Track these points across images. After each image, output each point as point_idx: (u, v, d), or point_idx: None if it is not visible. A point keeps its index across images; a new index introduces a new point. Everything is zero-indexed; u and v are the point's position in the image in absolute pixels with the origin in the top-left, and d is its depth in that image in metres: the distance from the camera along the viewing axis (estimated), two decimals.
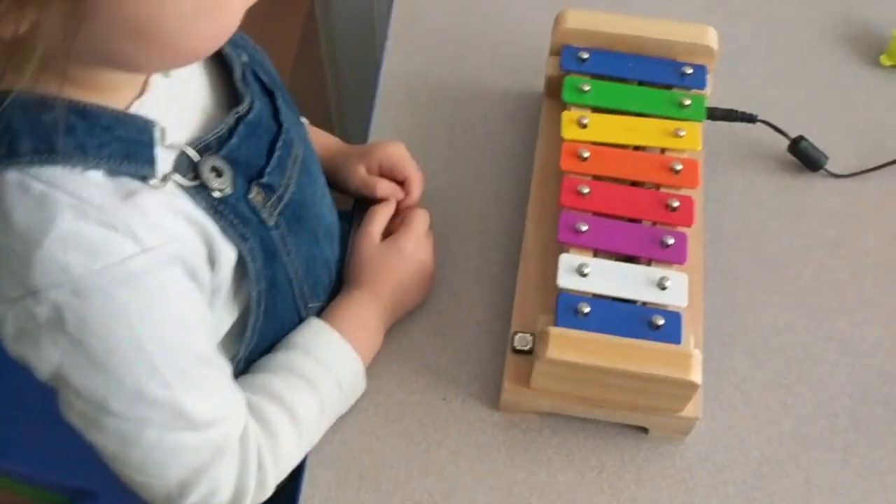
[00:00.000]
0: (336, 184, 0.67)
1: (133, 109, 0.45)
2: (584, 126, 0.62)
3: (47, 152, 0.41)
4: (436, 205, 0.68)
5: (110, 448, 0.47)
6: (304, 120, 0.69)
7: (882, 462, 0.58)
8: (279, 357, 0.55)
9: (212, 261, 0.48)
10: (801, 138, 0.70)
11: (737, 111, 0.70)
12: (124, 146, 0.43)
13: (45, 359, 0.43)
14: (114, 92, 0.44)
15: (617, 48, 0.66)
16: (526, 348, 0.56)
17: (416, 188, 0.65)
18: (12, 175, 0.42)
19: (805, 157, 0.71)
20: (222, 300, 0.51)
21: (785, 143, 0.71)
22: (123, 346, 0.43)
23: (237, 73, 0.52)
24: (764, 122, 0.70)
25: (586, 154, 0.61)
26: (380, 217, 0.63)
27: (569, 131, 0.62)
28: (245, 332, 0.53)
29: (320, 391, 0.54)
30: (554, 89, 0.68)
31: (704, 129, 0.69)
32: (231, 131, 0.49)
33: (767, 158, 0.72)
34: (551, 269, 0.56)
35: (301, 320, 0.58)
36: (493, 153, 0.72)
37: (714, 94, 0.68)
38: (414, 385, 0.60)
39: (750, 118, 0.70)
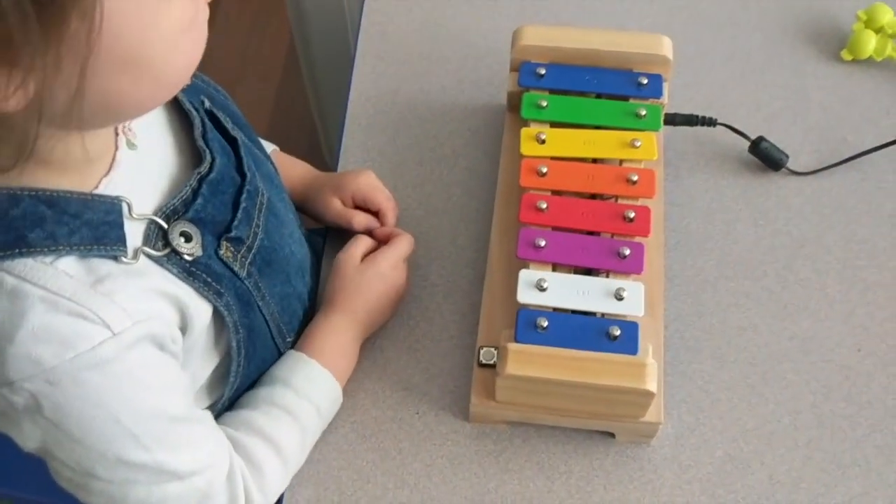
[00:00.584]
0: (310, 213, 0.69)
1: (101, 188, 0.46)
2: (543, 142, 0.64)
3: (18, 246, 0.43)
4: (406, 223, 0.70)
5: None
6: (273, 147, 0.71)
7: (844, 456, 0.60)
8: (261, 392, 0.58)
9: (184, 326, 0.50)
10: (761, 139, 0.72)
11: (697, 116, 0.71)
12: (93, 230, 0.45)
13: (28, 437, 0.46)
14: (81, 171, 0.46)
15: (574, 62, 0.68)
16: (491, 362, 0.58)
17: (390, 218, 0.68)
18: None
19: (766, 158, 0.72)
20: (199, 352, 0.53)
21: (746, 144, 0.72)
22: (99, 423, 0.45)
23: (197, 131, 0.54)
24: (724, 125, 0.72)
25: (545, 169, 0.62)
26: (363, 242, 0.65)
27: (527, 147, 0.64)
28: (228, 377, 0.56)
29: (301, 420, 0.57)
30: (515, 105, 0.69)
31: (666, 135, 0.71)
32: (195, 192, 0.51)
33: (729, 160, 0.73)
34: (513, 284, 0.58)
35: (281, 354, 0.60)
36: (461, 170, 0.74)
37: (675, 99, 0.70)
38: (388, 401, 0.62)
39: (710, 122, 0.72)
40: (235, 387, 0.57)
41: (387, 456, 0.60)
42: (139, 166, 0.49)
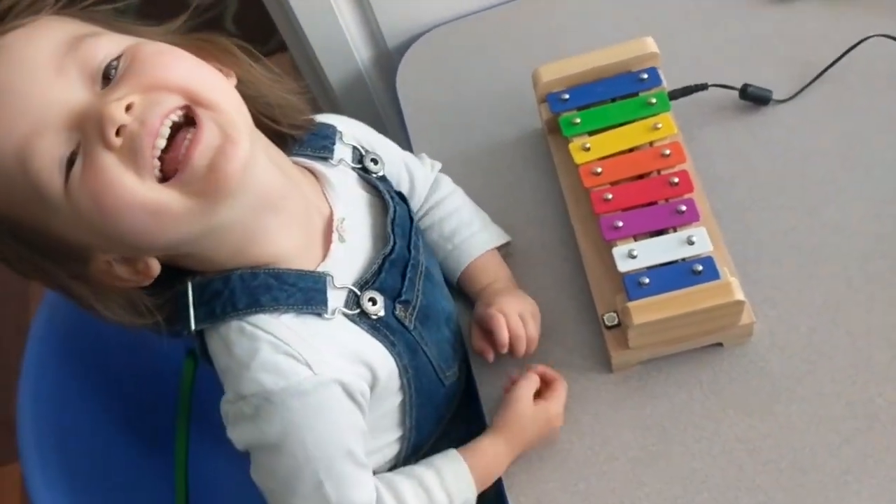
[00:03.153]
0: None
1: (319, 269, 0.65)
2: (588, 149, 0.82)
3: (255, 306, 0.62)
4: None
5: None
6: (506, 239, 0.85)
7: None
8: (416, 469, 0.71)
9: (373, 381, 0.66)
10: (746, 85, 0.90)
11: (691, 86, 0.89)
12: (304, 294, 0.64)
13: (244, 439, 0.63)
14: (299, 261, 0.64)
15: (586, 81, 0.86)
16: (614, 323, 0.76)
17: (518, 350, 0.77)
18: (234, 323, 0.62)
19: (755, 98, 0.90)
20: (387, 392, 0.69)
21: (735, 93, 0.90)
22: (293, 441, 0.61)
23: (390, 217, 0.72)
24: (714, 84, 0.90)
25: (599, 170, 0.80)
26: (534, 384, 0.75)
27: (579, 157, 0.82)
28: (405, 407, 0.72)
29: (434, 501, 0.69)
30: (553, 128, 0.88)
31: (674, 106, 0.89)
32: (380, 268, 0.69)
33: (727, 110, 0.91)
34: (607, 261, 0.76)
35: (444, 386, 0.76)
36: (527, 189, 0.92)
37: (668, 78, 0.88)
38: None
39: (702, 87, 0.90)
40: (415, 416, 0.73)
41: (565, 418, 0.77)
42: (348, 254, 0.68)
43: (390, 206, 0.73)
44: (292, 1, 1.02)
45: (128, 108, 0.53)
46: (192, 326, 0.63)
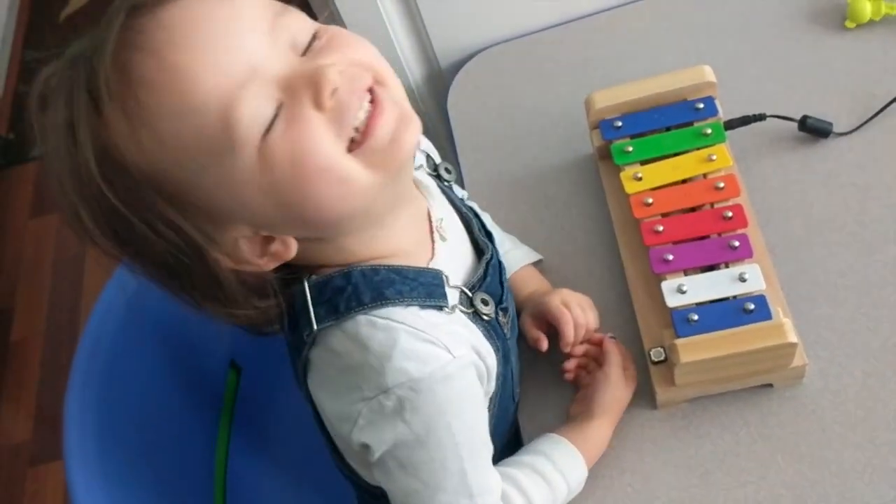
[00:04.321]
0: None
1: (430, 266, 0.65)
2: (640, 179, 0.81)
3: (381, 299, 0.61)
4: (548, 271, 0.86)
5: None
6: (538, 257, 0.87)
7: None
8: (525, 458, 0.72)
9: (481, 377, 0.66)
10: (805, 117, 0.87)
11: (749, 116, 0.87)
12: (426, 288, 0.63)
13: (383, 439, 0.60)
14: (413, 257, 0.64)
15: (640, 108, 0.85)
16: (661, 359, 0.75)
17: (567, 335, 0.77)
18: (361, 317, 0.60)
19: (814, 130, 0.87)
20: (484, 392, 0.69)
21: (794, 125, 0.88)
22: (439, 429, 0.60)
23: (476, 228, 0.72)
24: (772, 115, 0.88)
25: (650, 200, 0.79)
26: (616, 362, 0.76)
27: (630, 187, 0.81)
28: (489, 418, 0.71)
29: (553, 488, 0.70)
30: (604, 155, 0.87)
31: (729, 136, 0.87)
32: (485, 272, 0.69)
33: (785, 141, 0.89)
34: (655, 294, 0.75)
35: (514, 403, 0.76)
36: (576, 216, 0.90)
37: (725, 106, 0.86)
38: None
39: (760, 117, 0.87)
40: (491, 429, 0.70)
41: (606, 454, 0.75)
42: (450, 254, 0.68)
43: (471, 219, 0.73)
44: (345, 16, 1.03)
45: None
46: (315, 326, 0.60)
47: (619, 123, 0.84)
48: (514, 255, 0.85)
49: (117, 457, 0.78)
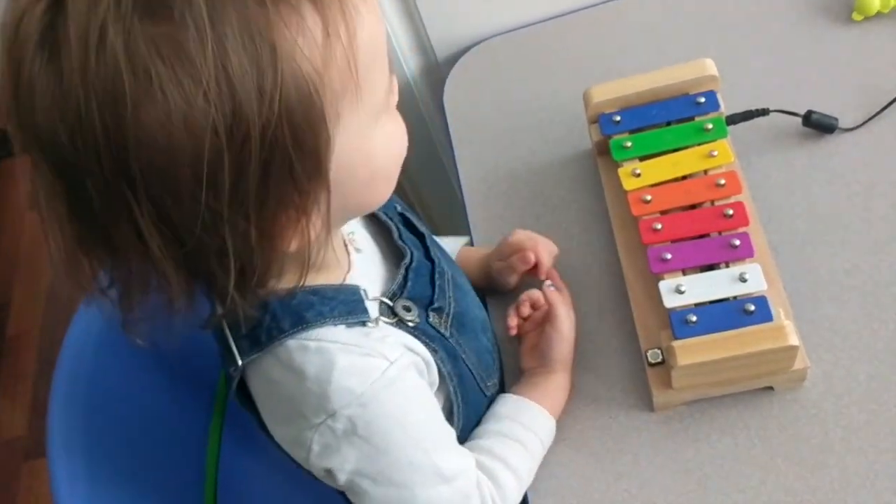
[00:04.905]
0: (496, 288, 0.84)
1: (347, 282, 0.63)
2: (638, 175, 0.78)
3: (301, 323, 0.59)
4: None
5: None
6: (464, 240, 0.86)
7: None
8: (492, 427, 0.72)
9: (421, 371, 0.66)
10: (810, 112, 0.85)
11: (752, 111, 0.85)
12: (346, 306, 0.61)
13: (346, 460, 0.60)
14: (330, 272, 0.62)
15: (640, 103, 0.82)
16: (658, 360, 0.72)
17: (543, 257, 0.79)
18: (291, 342, 0.58)
19: (819, 126, 0.85)
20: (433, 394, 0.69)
21: (798, 120, 0.85)
22: (396, 433, 0.60)
23: (395, 234, 0.70)
24: (775, 110, 0.85)
25: (648, 197, 0.77)
26: (564, 311, 0.76)
27: (628, 183, 0.78)
28: (452, 418, 0.71)
29: (529, 448, 0.72)
30: (603, 150, 0.84)
31: (731, 132, 0.84)
32: (405, 279, 0.67)
33: (789, 137, 0.86)
34: (654, 294, 0.73)
35: (486, 397, 0.75)
36: (574, 212, 0.88)
37: (728, 101, 0.83)
38: (585, 415, 0.76)
39: (763, 112, 0.85)
40: (461, 426, 0.72)
41: (601, 458, 0.74)
42: (367, 265, 0.66)
43: (391, 225, 0.71)
44: None
45: None
46: (239, 361, 0.59)
47: (618, 118, 0.82)
48: (447, 241, 0.84)
49: (103, 456, 0.77)
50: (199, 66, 0.43)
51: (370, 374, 0.59)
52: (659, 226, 0.75)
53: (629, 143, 0.80)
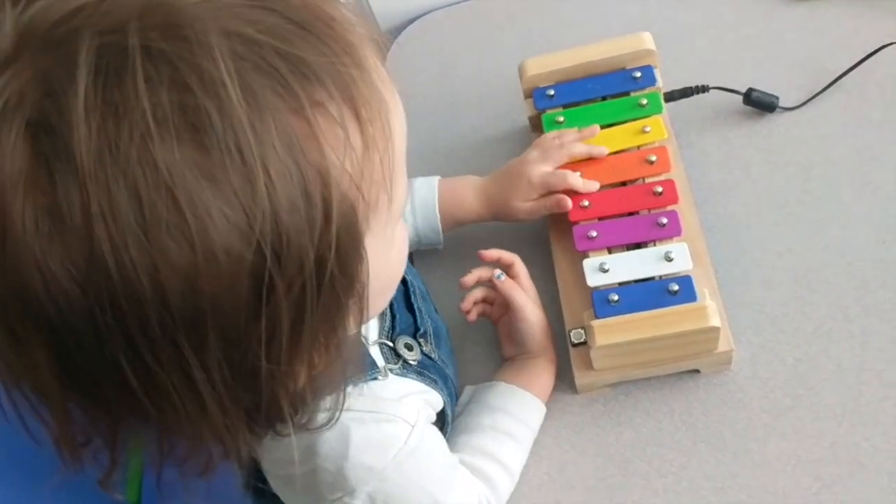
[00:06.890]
0: (504, 220, 0.78)
1: None
2: None
3: None
4: (473, 245, 0.81)
5: None
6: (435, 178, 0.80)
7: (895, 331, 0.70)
8: (484, 420, 0.69)
9: (435, 410, 0.63)
10: (751, 90, 0.83)
11: (691, 87, 0.83)
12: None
13: None
14: None
15: (575, 77, 0.80)
16: (581, 340, 0.70)
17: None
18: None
19: (760, 104, 0.83)
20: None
21: (739, 98, 0.83)
22: (415, 493, 0.57)
23: None
24: (716, 87, 0.83)
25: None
26: (525, 297, 0.72)
27: None
28: (445, 421, 0.68)
29: (520, 441, 0.69)
30: (537, 125, 0.82)
31: (671, 111, 0.82)
32: (392, 312, 0.63)
33: (729, 115, 0.84)
34: (580, 272, 0.70)
35: (456, 398, 0.72)
36: None
37: (668, 77, 0.81)
38: None
39: (703, 89, 0.83)
40: (450, 425, 0.69)
41: None
42: None
43: None
44: None
45: None
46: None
47: (552, 92, 0.80)
48: (421, 192, 0.78)
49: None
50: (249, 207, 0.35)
51: (391, 447, 0.55)
52: (587, 203, 0.73)
53: (562, 118, 0.78)
